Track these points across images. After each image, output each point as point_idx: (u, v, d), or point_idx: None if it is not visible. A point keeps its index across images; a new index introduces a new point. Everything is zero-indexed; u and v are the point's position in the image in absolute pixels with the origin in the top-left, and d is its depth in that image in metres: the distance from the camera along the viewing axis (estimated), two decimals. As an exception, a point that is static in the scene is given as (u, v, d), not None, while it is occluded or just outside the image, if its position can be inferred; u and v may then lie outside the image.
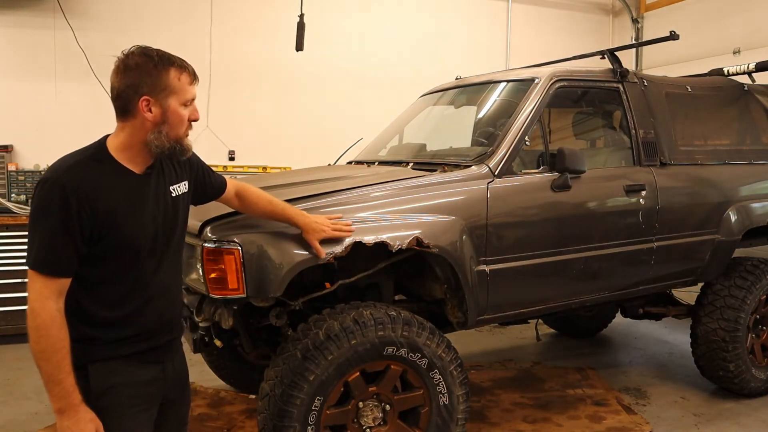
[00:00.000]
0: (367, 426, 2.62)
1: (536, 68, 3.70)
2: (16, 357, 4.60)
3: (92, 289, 1.67)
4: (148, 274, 1.75)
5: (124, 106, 1.65)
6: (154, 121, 1.65)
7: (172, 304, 1.86)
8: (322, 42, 6.20)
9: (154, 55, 1.65)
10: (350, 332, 2.49)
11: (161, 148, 1.67)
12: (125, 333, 1.71)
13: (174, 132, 1.69)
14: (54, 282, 1.58)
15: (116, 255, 1.67)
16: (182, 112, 1.69)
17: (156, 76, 1.63)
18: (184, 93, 1.68)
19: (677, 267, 3.59)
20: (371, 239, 2.54)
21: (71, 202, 1.55)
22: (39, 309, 1.56)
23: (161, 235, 1.76)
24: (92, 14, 5.64)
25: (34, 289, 1.57)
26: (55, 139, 5.57)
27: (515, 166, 3.02)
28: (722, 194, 3.69)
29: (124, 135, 1.68)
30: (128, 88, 1.63)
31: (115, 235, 1.64)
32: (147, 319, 1.75)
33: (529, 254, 2.99)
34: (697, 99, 3.88)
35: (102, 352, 1.68)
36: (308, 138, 6.32)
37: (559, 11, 7.55)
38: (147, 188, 1.73)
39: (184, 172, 1.91)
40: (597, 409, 3.70)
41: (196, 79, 1.74)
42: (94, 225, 1.59)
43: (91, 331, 1.67)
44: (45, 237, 1.58)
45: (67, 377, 1.59)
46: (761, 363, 3.92)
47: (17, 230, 4.81)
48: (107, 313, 1.68)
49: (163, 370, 1.81)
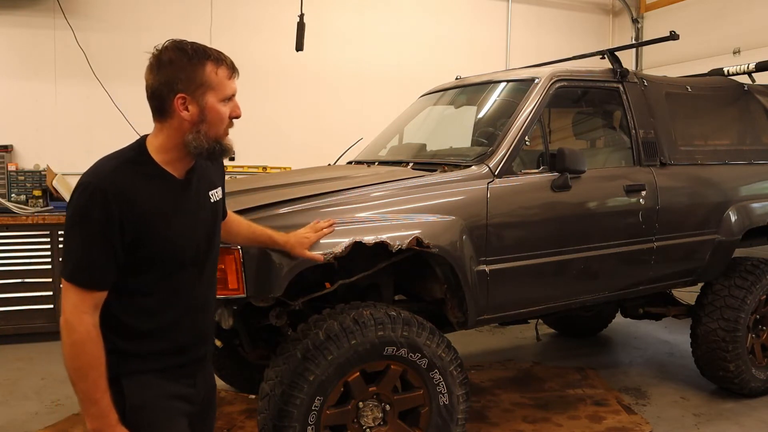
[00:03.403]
0: (367, 426, 2.62)
1: (536, 68, 3.71)
2: (16, 357, 4.60)
3: (128, 300, 1.57)
4: (189, 284, 1.66)
5: (159, 106, 1.56)
6: (192, 120, 1.55)
7: (208, 316, 1.79)
8: (322, 42, 6.19)
9: (188, 48, 1.54)
10: (350, 332, 2.49)
11: (200, 149, 1.57)
12: (160, 346, 1.62)
13: (213, 131, 1.58)
14: (91, 295, 1.49)
15: (157, 264, 1.57)
16: (221, 109, 1.58)
17: (191, 71, 1.53)
18: (222, 88, 1.57)
19: (677, 267, 3.59)
20: (371, 239, 2.53)
21: (113, 208, 1.46)
22: (76, 324, 1.46)
23: (203, 244, 1.68)
24: (92, 14, 5.63)
25: (70, 302, 1.47)
26: (55, 139, 5.57)
27: (515, 166, 3.02)
28: (722, 194, 3.69)
29: (163, 137, 1.58)
30: (162, 85, 1.53)
31: (157, 243, 1.55)
32: (183, 332, 1.67)
33: (529, 254, 2.99)
34: (697, 99, 3.88)
35: (136, 365, 1.59)
36: (308, 138, 6.32)
37: (558, 11, 7.54)
38: (189, 194, 1.64)
39: (219, 178, 1.82)
40: (597, 409, 3.70)
41: (236, 72, 1.62)
42: (135, 232, 1.50)
43: (125, 343, 1.57)
44: (84, 247, 1.48)
45: (103, 396, 1.50)
46: (761, 363, 3.92)
47: (17, 230, 4.81)
48: (143, 325, 1.59)
49: (195, 385, 1.73)
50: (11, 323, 4.82)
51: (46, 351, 4.73)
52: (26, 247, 4.83)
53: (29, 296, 4.84)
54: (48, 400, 3.83)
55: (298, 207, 2.58)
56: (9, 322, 4.82)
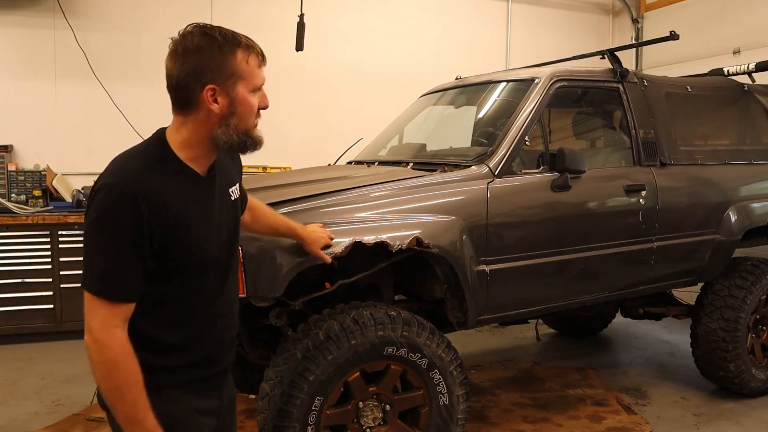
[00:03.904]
0: (367, 426, 2.62)
1: (536, 68, 3.70)
2: (16, 357, 4.60)
3: (151, 310, 1.45)
4: (214, 290, 1.55)
5: (184, 98, 1.42)
6: (222, 113, 1.42)
7: (232, 324, 1.67)
8: (322, 42, 6.20)
9: (217, 34, 1.40)
10: (350, 332, 2.49)
11: (230, 144, 1.45)
12: (187, 358, 1.51)
13: (244, 124, 1.45)
14: (121, 308, 1.36)
15: (183, 271, 1.46)
16: (252, 100, 1.46)
17: (221, 60, 1.39)
18: (253, 78, 1.45)
19: (677, 267, 3.59)
20: (371, 239, 2.53)
21: (143, 211, 1.34)
22: (108, 341, 1.33)
23: (226, 245, 1.57)
24: (92, 14, 5.63)
25: (99, 318, 1.34)
26: (55, 139, 5.57)
27: (515, 166, 3.02)
28: (722, 194, 3.69)
29: (187, 131, 1.45)
30: (189, 75, 1.39)
31: (185, 248, 1.43)
32: (209, 342, 1.56)
33: (529, 254, 2.99)
34: (697, 99, 3.88)
35: (163, 380, 1.47)
36: (308, 138, 6.32)
37: (559, 11, 7.54)
38: (213, 192, 1.52)
39: (237, 173, 1.70)
40: (597, 409, 3.70)
41: (265, 60, 1.50)
42: (163, 237, 1.38)
43: (150, 356, 1.44)
44: (112, 255, 1.34)
45: (146, 415, 1.38)
46: (761, 363, 3.91)
47: (17, 230, 4.81)
48: (168, 337, 1.48)
49: (220, 397, 1.63)
50: (11, 323, 4.82)
51: (46, 351, 4.73)
52: (26, 247, 4.83)
53: (29, 296, 4.84)
54: (48, 400, 3.83)
55: (298, 207, 2.58)
56: (9, 322, 4.82)
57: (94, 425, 3.44)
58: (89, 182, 5.39)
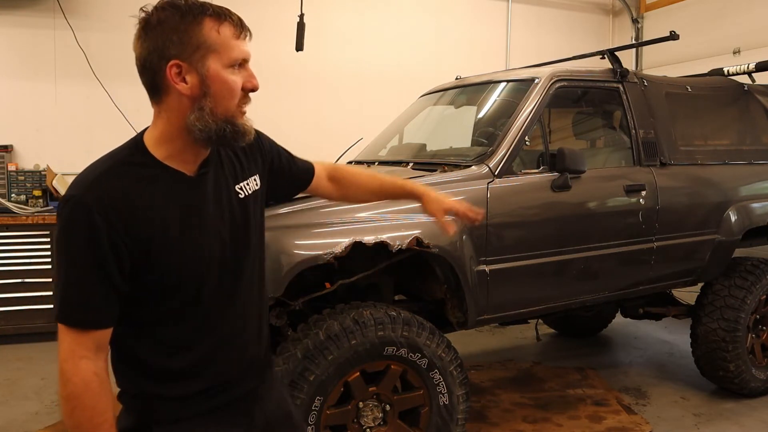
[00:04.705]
0: (367, 426, 2.62)
1: (536, 68, 3.70)
2: (16, 357, 4.60)
3: (145, 333, 1.28)
4: (219, 307, 1.33)
5: (151, 80, 1.24)
6: (192, 93, 1.22)
7: (256, 339, 1.44)
8: (322, 42, 6.20)
9: (181, 4, 1.22)
10: (350, 332, 2.49)
11: (207, 133, 1.23)
12: (194, 387, 1.32)
13: (222, 107, 1.23)
14: (88, 336, 1.20)
15: (172, 290, 1.26)
16: (229, 77, 1.23)
17: (184, 31, 1.20)
18: (227, 50, 1.22)
19: (677, 267, 3.59)
20: (371, 239, 2.53)
21: (100, 226, 1.16)
22: (70, 372, 1.19)
23: (231, 254, 1.34)
24: (92, 14, 5.63)
25: (64, 346, 1.21)
26: (55, 139, 5.57)
27: (515, 166, 3.02)
28: (722, 194, 3.69)
29: (162, 123, 1.26)
30: (152, 53, 1.22)
31: (168, 264, 1.24)
32: (222, 365, 1.35)
33: (529, 254, 2.99)
34: (697, 99, 3.88)
35: (167, 411, 1.30)
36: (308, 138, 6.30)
37: (559, 11, 7.54)
38: (204, 194, 1.30)
39: (253, 163, 1.47)
40: (597, 409, 3.70)
41: (246, 31, 1.27)
42: (135, 255, 1.20)
43: (152, 385, 1.29)
44: (71, 278, 1.20)
45: None
46: (761, 363, 3.91)
47: (17, 230, 4.81)
48: (168, 363, 1.29)
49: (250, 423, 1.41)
50: (11, 323, 4.82)
51: (46, 351, 4.72)
52: (26, 247, 4.83)
53: (29, 296, 4.84)
54: (48, 400, 3.83)
55: (298, 207, 2.58)
56: (9, 322, 4.82)
57: (94, 425, 3.44)
58: (89, 182, 5.40)
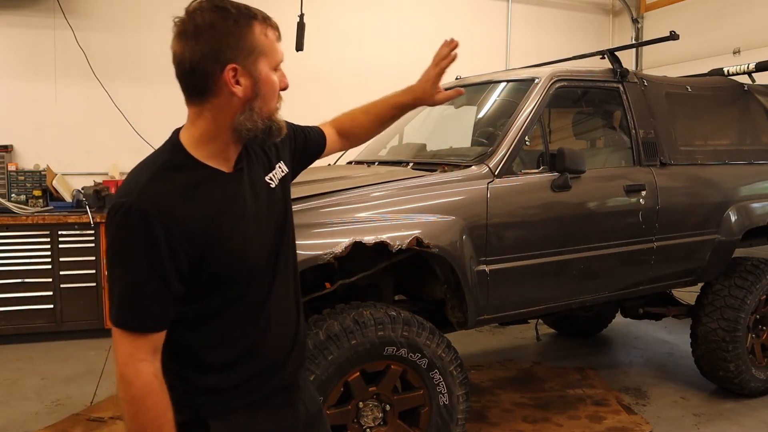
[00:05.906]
0: (367, 426, 2.62)
1: (536, 68, 3.70)
2: (16, 357, 4.60)
3: (196, 329, 1.32)
4: (262, 296, 1.38)
5: (201, 83, 1.25)
6: (245, 96, 1.26)
7: (295, 325, 1.49)
8: (322, 42, 6.20)
9: (229, 7, 1.25)
10: (350, 332, 2.49)
11: (254, 132, 1.29)
12: (246, 374, 1.37)
13: (267, 107, 1.30)
14: (147, 339, 1.21)
15: (225, 285, 1.30)
16: (274, 78, 1.31)
17: (239, 35, 1.24)
18: (274, 54, 1.30)
19: (677, 267, 3.59)
20: (371, 239, 2.53)
21: (157, 231, 1.18)
22: (132, 376, 1.19)
23: (271, 242, 1.40)
24: (92, 14, 5.63)
25: (123, 350, 1.20)
26: (55, 139, 5.57)
27: (515, 166, 3.02)
28: (722, 194, 3.69)
29: (205, 123, 1.28)
30: (205, 57, 1.22)
31: (221, 261, 1.27)
32: (268, 352, 1.41)
33: (529, 254, 2.99)
34: (697, 99, 3.88)
35: (224, 402, 1.35)
36: (308, 138, 6.32)
37: (559, 11, 7.54)
38: (243, 188, 1.34)
39: (278, 150, 1.51)
40: (597, 409, 3.70)
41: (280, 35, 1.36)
42: (192, 257, 1.23)
43: (207, 378, 1.33)
44: (129, 284, 1.20)
45: None
46: (761, 363, 3.91)
47: (17, 230, 4.81)
48: (221, 354, 1.34)
49: (295, 413, 1.46)
50: (11, 323, 4.82)
51: (46, 351, 4.73)
52: (26, 247, 4.83)
53: (29, 296, 4.84)
54: (48, 400, 3.83)
55: (298, 207, 2.57)
56: (9, 322, 4.82)
57: (94, 425, 3.44)
58: (89, 182, 5.40)
